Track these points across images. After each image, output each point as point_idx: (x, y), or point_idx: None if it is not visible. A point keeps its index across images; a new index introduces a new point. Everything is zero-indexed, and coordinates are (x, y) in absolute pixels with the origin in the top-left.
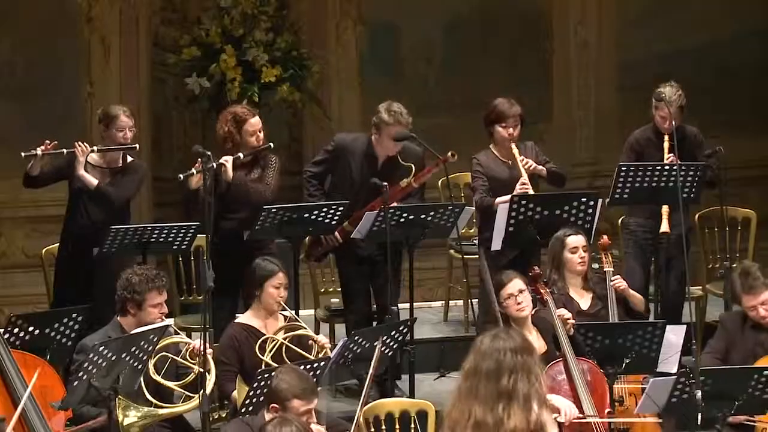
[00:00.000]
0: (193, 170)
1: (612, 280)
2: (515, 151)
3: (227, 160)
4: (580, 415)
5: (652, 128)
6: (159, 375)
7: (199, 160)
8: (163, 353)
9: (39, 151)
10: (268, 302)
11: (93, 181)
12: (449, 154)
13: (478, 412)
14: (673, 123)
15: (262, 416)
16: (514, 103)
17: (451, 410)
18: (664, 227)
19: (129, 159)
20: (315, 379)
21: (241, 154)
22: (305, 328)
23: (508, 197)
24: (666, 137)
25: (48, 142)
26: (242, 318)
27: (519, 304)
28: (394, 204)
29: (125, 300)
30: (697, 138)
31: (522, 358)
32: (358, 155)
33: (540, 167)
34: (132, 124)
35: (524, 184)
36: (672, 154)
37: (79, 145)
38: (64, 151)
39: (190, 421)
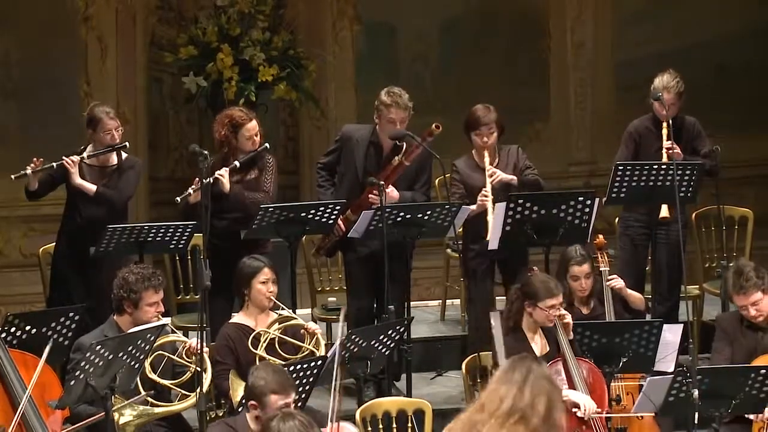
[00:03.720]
0: (190, 190)
1: (608, 280)
2: (486, 159)
3: (223, 175)
4: (599, 410)
5: (650, 118)
6: (155, 373)
7: (196, 180)
8: (160, 352)
9: (29, 171)
10: (258, 299)
11: (91, 187)
12: (433, 126)
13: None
14: (672, 109)
15: (243, 416)
16: (491, 110)
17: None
18: (664, 212)
19: (124, 156)
20: (310, 377)
21: (237, 163)
22: (296, 319)
23: (472, 207)
24: (664, 124)
25: (35, 159)
26: (235, 318)
27: (554, 316)
28: (390, 181)
29: (121, 299)
30: (695, 128)
31: (550, 386)
32: (362, 143)
33: (509, 177)
34: (118, 125)
35: (485, 196)
36: (671, 141)
37: (66, 158)
38: (54, 165)
39: (188, 420)
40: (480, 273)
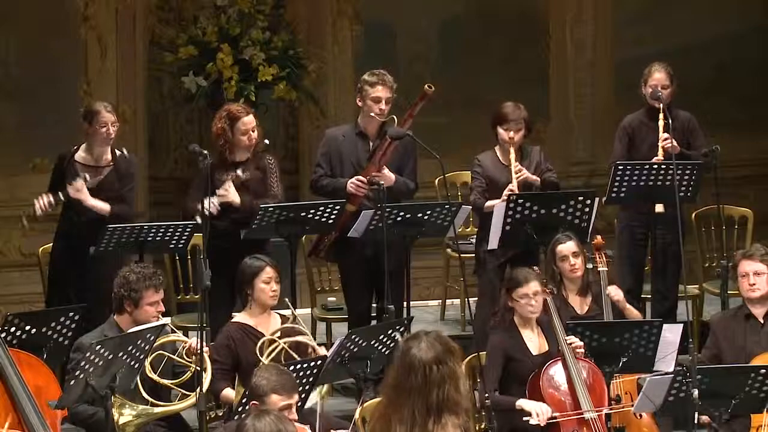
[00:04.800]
0: (197, 218)
1: (608, 292)
2: (512, 156)
3: (227, 190)
4: (556, 415)
5: (644, 112)
6: (155, 373)
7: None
8: (160, 351)
9: (37, 209)
10: (261, 298)
11: (105, 207)
12: (426, 87)
13: (399, 429)
14: (666, 94)
15: None
16: (520, 108)
17: (374, 424)
18: (659, 208)
19: (118, 153)
20: (310, 377)
21: (240, 172)
22: (306, 334)
23: (496, 201)
24: (660, 116)
25: (40, 200)
26: (238, 317)
27: (532, 306)
28: (385, 161)
29: (122, 298)
30: (690, 123)
31: (447, 366)
32: (349, 137)
33: (534, 177)
34: (114, 119)
35: (511, 191)
36: (667, 134)
37: (71, 185)
38: (60, 195)
39: (188, 420)
40: (493, 270)
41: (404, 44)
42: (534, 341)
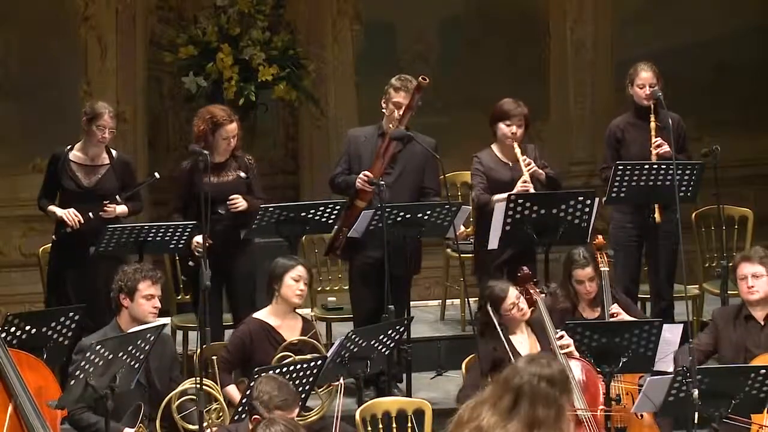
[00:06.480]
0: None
1: (609, 310)
2: (517, 150)
3: (237, 197)
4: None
5: (631, 113)
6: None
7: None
8: (189, 397)
9: (70, 225)
10: (287, 294)
11: (125, 209)
12: (420, 78)
13: (489, 419)
14: (656, 88)
15: (246, 425)
16: (520, 104)
17: (466, 408)
18: (659, 218)
19: (114, 153)
20: (302, 386)
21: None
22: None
23: (505, 195)
24: (651, 117)
25: (69, 215)
26: (260, 314)
27: (521, 309)
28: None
29: (119, 290)
30: (679, 126)
31: (552, 390)
32: (371, 139)
33: (540, 171)
34: (113, 126)
35: (526, 182)
36: (659, 138)
37: (107, 207)
38: (90, 215)
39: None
40: (493, 268)
41: (404, 44)
42: (524, 344)
